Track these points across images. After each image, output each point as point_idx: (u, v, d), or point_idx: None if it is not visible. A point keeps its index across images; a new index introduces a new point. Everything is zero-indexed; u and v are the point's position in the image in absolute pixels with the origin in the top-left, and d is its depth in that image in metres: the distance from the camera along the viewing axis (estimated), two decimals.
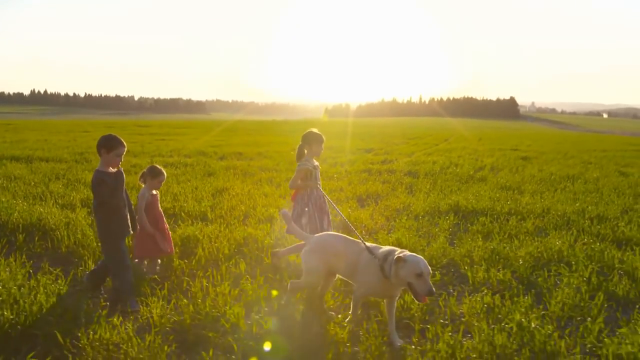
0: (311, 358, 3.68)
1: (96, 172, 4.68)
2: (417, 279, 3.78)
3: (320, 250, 4.43)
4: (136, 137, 34.29)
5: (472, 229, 7.80)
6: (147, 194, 5.61)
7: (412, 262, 3.83)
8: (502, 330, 4.02)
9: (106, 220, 4.70)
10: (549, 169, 17.22)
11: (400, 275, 3.86)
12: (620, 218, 8.63)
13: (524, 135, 57.42)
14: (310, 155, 5.73)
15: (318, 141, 5.72)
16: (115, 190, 4.68)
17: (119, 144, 4.72)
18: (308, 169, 5.63)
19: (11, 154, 17.20)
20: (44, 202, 8.51)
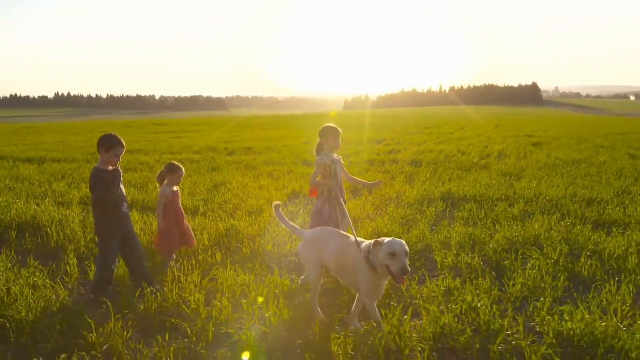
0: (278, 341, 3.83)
1: (94, 170, 4.81)
2: (392, 259, 3.77)
3: (312, 244, 4.45)
4: (152, 135, 34.85)
5: (458, 215, 7.87)
6: (168, 191, 5.72)
7: (386, 244, 3.83)
8: (450, 311, 4.12)
9: (101, 216, 4.83)
10: (557, 155, 17.06)
11: (378, 259, 3.86)
12: (611, 201, 8.60)
13: (543, 121, 56.66)
14: (329, 150, 5.65)
15: (334, 134, 5.64)
16: (112, 187, 4.78)
17: (118, 144, 4.83)
18: (326, 164, 5.53)
19: (26, 156, 17.70)
20: (43, 201, 8.81)
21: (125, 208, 4.96)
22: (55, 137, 32.51)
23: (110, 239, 4.86)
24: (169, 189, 5.73)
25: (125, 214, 4.96)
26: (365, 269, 3.98)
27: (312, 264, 4.41)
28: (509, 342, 3.69)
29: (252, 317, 4.12)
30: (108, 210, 4.81)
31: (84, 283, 5.27)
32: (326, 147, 5.64)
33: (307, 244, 4.49)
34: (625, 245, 5.82)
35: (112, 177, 4.80)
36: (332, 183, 5.48)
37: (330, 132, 5.62)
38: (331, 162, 5.56)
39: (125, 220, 4.98)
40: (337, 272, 4.38)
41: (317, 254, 4.39)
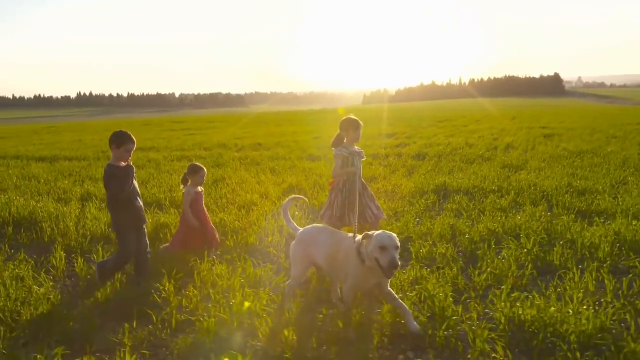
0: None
1: (107, 166, 4.92)
2: (381, 253, 3.75)
3: (302, 243, 4.42)
4: (167, 133, 35.28)
5: (447, 207, 7.93)
6: (192, 191, 5.89)
7: (376, 237, 3.81)
8: (408, 299, 4.24)
9: (117, 212, 4.94)
10: (566, 146, 16.92)
11: (368, 252, 3.85)
12: (604, 191, 8.57)
13: (562, 112, 55.83)
14: (349, 142, 5.63)
15: (355, 127, 5.62)
16: (125, 183, 4.89)
17: (129, 140, 4.94)
18: (344, 155, 5.53)
19: (39, 155, 18.14)
20: (44, 197, 9.11)
21: (139, 202, 5.08)
22: (72, 136, 33.11)
23: (127, 234, 4.99)
24: (193, 190, 5.90)
25: (139, 208, 5.08)
26: (355, 262, 3.97)
27: (298, 260, 4.40)
28: (456, 328, 3.79)
29: (218, 305, 4.28)
30: (122, 205, 4.93)
31: (70, 275, 5.49)
32: (346, 139, 5.63)
33: (298, 242, 4.46)
34: (602, 235, 5.84)
35: (125, 173, 4.92)
36: (353, 170, 5.46)
37: (351, 125, 5.62)
38: (349, 155, 5.54)
39: (140, 214, 5.10)
40: (328, 269, 4.33)
41: (306, 252, 4.37)
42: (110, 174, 4.86)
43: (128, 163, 5.00)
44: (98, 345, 3.82)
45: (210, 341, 3.76)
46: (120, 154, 4.91)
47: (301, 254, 4.39)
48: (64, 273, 5.52)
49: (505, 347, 3.57)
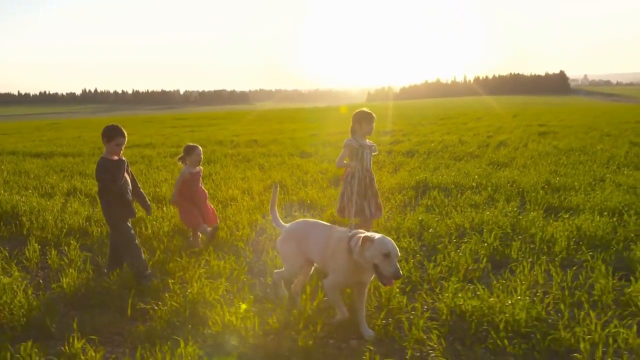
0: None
1: (100, 159, 5.04)
2: (384, 260, 3.59)
3: (291, 237, 4.34)
4: (168, 129, 35.43)
5: (422, 202, 8.06)
6: (186, 172, 6.05)
7: (379, 242, 3.65)
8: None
9: (109, 204, 5.04)
10: (557, 143, 16.99)
11: (366, 256, 3.68)
12: (579, 188, 8.66)
13: (564, 110, 55.71)
14: (361, 135, 5.59)
15: (368, 119, 5.58)
16: (117, 176, 4.97)
17: (119, 134, 5.03)
18: (353, 146, 5.49)
19: (36, 151, 18.34)
20: (30, 192, 9.28)
21: (129, 195, 5.17)
22: (73, 133, 33.31)
23: (120, 223, 5.09)
24: (187, 170, 6.05)
25: (130, 200, 5.17)
26: (344, 258, 3.87)
27: (290, 256, 4.31)
28: (395, 317, 3.93)
29: (175, 294, 4.43)
30: (113, 198, 5.03)
31: (44, 267, 5.65)
32: (359, 131, 5.60)
33: (287, 237, 4.37)
34: (563, 229, 5.97)
35: (117, 166, 5.02)
36: (354, 164, 5.38)
37: (364, 117, 5.58)
38: (358, 146, 5.50)
39: (131, 207, 5.20)
40: (321, 264, 4.24)
41: (297, 247, 4.28)
42: (102, 166, 4.97)
43: (120, 157, 5.09)
44: (58, 332, 3.97)
45: (161, 328, 3.91)
46: (111, 147, 5.01)
47: (292, 249, 4.30)
48: (37, 265, 5.68)
49: (441, 335, 3.71)
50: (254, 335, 3.77)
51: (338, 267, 3.92)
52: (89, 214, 7.36)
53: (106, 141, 5.02)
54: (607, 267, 4.77)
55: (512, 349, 3.49)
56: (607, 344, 3.49)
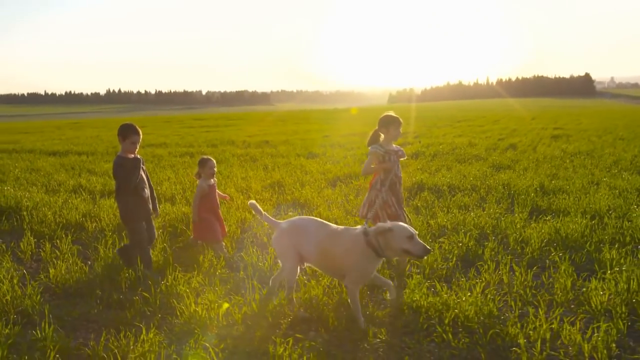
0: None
1: (116, 157, 5.14)
2: (410, 242, 3.77)
3: (288, 234, 4.29)
4: (184, 129, 35.93)
5: (412, 203, 8.19)
6: (205, 185, 6.03)
7: (399, 228, 3.81)
8: (320, 285, 4.56)
9: (124, 202, 5.15)
10: (566, 147, 16.89)
11: (392, 245, 3.82)
12: (571, 191, 8.69)
13: (584, 113, 54.95)
14: (387, 140, 5.43)
15: (395, 124, 5.41)
16: (132, 174, 5.08)
17: (134, 132, 5.14)
18: (379, 153, 5.34)
19: (52, 150, 18.86)
20: (37, 188, 9.64)
21: (145, 193, 5.27)
22: (92, 132, 33.97)
23: (136, 222, 5.19)
24: (205, 183, 6.06)
25: (145, 199, 5.26)
26: (363, 256, 3.94)
27: (288, 254, 4.27)
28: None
29: (149, 285, 4.67)
30: (129, 195, 5.13)
31: (37, 259, 5.93)
32: (385, 136, 5.43)
33: (283, 235, 4.32)
34: (540, 231, 6.06)
35: (133, 164, 5.13)
36: (388, 165, 5.31)
37: (392, 122, 5.41)
38: (384, 153, 5.36)
39: (147, 205, 5.28)
40: (318, 262, 4.24)
41: (294, 244, 4.24)
42: (118, 164, 5.09)
43: (136, 155, 5.20)
44: (39, 318, 4.22)
45: (132, 316, 4.14)
46: (127, 145, 5.12)
47: (288, 245, 4.26)
48: (31, 257, 5.97)
49: (394, 329, 3.87)
50: (218, 326, 3.97)
51: (358, 268, 3.99)
52: (88, 210, 7.64)
53: (122, 139, 5.15)
54: (574, 268, 4.87)
55: (456, 343, 3.64)
56: (551, 340, 3.61)
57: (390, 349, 3.63)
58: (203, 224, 5.98)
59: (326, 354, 3.52)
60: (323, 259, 4.17)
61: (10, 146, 20.99)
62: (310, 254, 4.21)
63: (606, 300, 4.19)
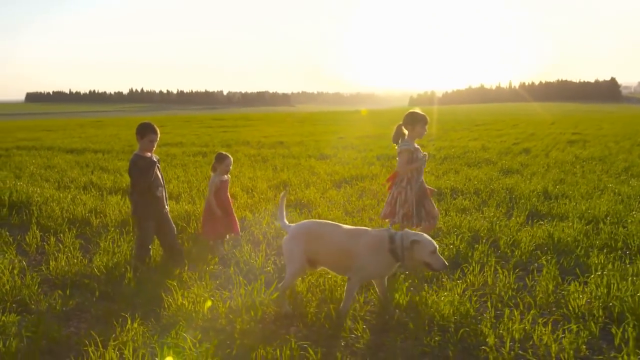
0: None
1: (133, 156, 5.25)
2: (432, 256, 3.91)
3: (300, 238, 4.29)
4: (202, 129, 36.28)
5: None
6: (217, 180, 6.08)
7: (427, 242, 3.95)
8: (304, 282, 4.70)
9: (136, 200, 5.26)
10: (580, 152, 16.73)
11: (415, 256, 3.95)
12: (574, 197, 8.68)
13: (606, 118, 54.10)
14: (411, 137, 5.39)
15: (422, 122, 5.37)
16: (147, 173, 5.18)
17: (151, 131, 5.23)
18: (410, 150, 5.30)
19: (70, 147, 19.30)
20: (49, 184, 9.94)
21: (159, 192, 5.35)
22: (112, 131, 34.52)
23: (146, 221, 5.29)
24: (217, 178, 6.10)
25: (159, 198, 5.35)
26: (384, 259, 4.03)
27: (295, 257, 4.27)
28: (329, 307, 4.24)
29: (140, 278, 4.85)
30: (143, 194, 5.24)
31: (42, 252, 6.16)
32: (410, 133, 5.38)
33: (294, 238, 4.33)
34: (532, 235, 6.11)
35: (148, 163, 5.24)
36: (419, 164, 5.29)
37: (420, 119, 5.36)
38: (414, 150, 5.35)
39: (160, 204, 5.39)
40: (335, 263, 4.28)
41: (304, 247, 4.26)
42: (133, 162, 5.20)
43: (152, 154, 5.31)
44: (36, 308, 4.43)
45: (120, 309, 4.33)
46: (144, 144, 5.23)
47: (298, 249, 4.26)
48: (37, 250, 6.20)
49: (369, 325, 4.00)
50: (203, 318, 4.12)
51: (374, 263, 4.06)
52: (95, 206, 7.87)
53: (139, 138, 5.25)
54: (560, 272, 4.92)
55: (428, 341, 3.73)
56: (523, 340, 3.69)
57: (365, 345, 3.74)
58: (206, 218, 6.08)
59: (299, 347, 3.64)
60: (342, 260, 4.18)
61: (31, 143, 21.50)
62: (326, 256, 4.25)
63: (583, 303, 4.24)
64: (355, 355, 3.65)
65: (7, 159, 14.96)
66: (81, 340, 3.79)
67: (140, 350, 3.52)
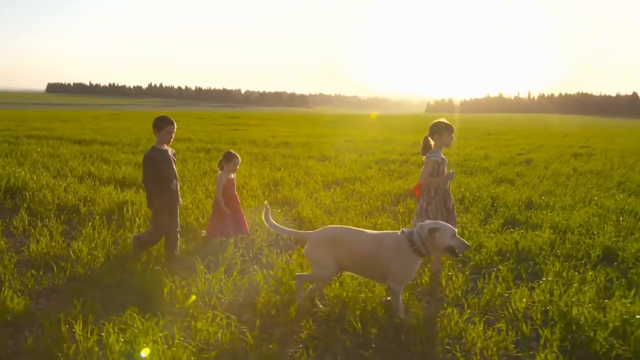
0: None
1: (150, 149, 5.42)
2: (454, 240, 4.10)
3: (327, 244, 4.36)
4: (216, 127, 36.68)
5: (392, 209, 8.46)
6: (224, 178, 6.19)
7: (444, 227, 4.13)
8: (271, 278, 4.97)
9: (151, 192, 5.38)
10: (579, 165, 16.72)
11: (437, 244, 4.10)
12: (555, 208, 8.81)
13: (622, 133, 53.70)
14: (439, 146, 5.47)
15: (449, 131, 5.42)
16: (162, 165, 5.35)
17: (168, 122, 5.40)
18: (437, 161, 5.37)
19: (79, 138, 19.73)
20: (48, 172, 10.29)
21: (174, 185, 5.51)
22: (125, 124, 35.01)
23: (160, 213, 5.44)
24: (224, 176, 6.21)
25: (173, 190, 5.50)
26: (409, 258, 4.18)
27: (324, 264, 4.34)
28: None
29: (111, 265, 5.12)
30: (157, 186, 5.38)
31: (29, 235, 6.46)
32: (437, 143, 5.46)
33: (320, 245, 4.37)
34: (497, 242, 6.30)
35: (164, 156, 5.42)
36: (442, 179, 5.37)
37: (446, 128, 5.42)
38: (441, 161, 5.40)
39: (174, 196, 5.54)
40: (358, 268, 4.39)
41: (333, 254, 4.31)
42: (149, 155, 5.37)
43: (168, 147, 5.49)
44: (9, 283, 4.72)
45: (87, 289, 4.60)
46: (162, 136, 5.40)
47: (327, 255, 4.32)
48: (23, 233, 6.50)
49: (315, 318, 4.23)
50: (162, 302, 4.38)
51: (403, 266, 4.19)
52: (86, 195, 8.18)
53: (157, 131, 5.41)
54: (514, 277, 5.10)
55: (365, 332, 3.95)
56: (457, 337, 3.89)
57: (307, 335, 3.97)
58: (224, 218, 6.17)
59: (239, 331, 3.88)
60: (367, 264, 4.30)
61: (42, 133, 21.99)
62: (351, 261, 4.34)
63: (523, 306, 4.43)
64: (296, 343, 3.88)
65: (15, 146, 15.38)
66: (46, 315, 4.05)
67: (90, 325, 3.77)
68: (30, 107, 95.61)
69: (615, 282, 5.19)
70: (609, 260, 6.01)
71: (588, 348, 3.84)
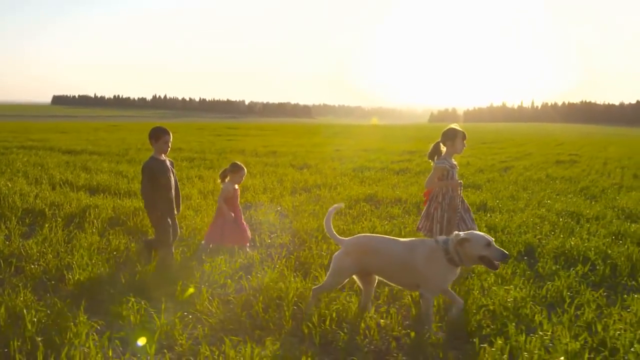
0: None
1: (148, 158, 5.54)
2: (488, 249, 4.07)
3: (355, 252, 4.40)
4: (211, 137, 36.96)
5: (349, 212, 8.83)
6: (231, 188, 6.29)
7: (476, 237, 4.12)
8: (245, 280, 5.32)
9: (150, 201, 5.51)
10: (554, 172, 16.97)
11: (469, 254, 4.10)
12: (505, 210, 9.18)
13: (618, 142, 53.75)
14: (450, 153, 5.54)
15: (460, 137, 5.51)
16: (159, 175, 5.46)
17: (165, 133, 5.54)
18: (445, 168, 5.43)
19: (70, 149, 20.20)
20: (26, 180, 10.76)
21: (171, 195, 5.63)
22: (122, 135, 35.38)
23: (161, 219, 5.56)
24: (231, 186, 6.31)
25: (170, 199, 5.63)
26: (443, 266, 4.19)
27: (340, 272, 4.43)
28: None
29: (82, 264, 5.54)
30: (156, 194, 5.50)
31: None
32: (449, 149, 5.54)
33: (348, 254, 4.43)
34: None
35: (161, 166, 5.56)
36: (453, 183, 5.42)
37: (458, 134, 5.51)
38: (450, 167, 5.46)
39: (170, 205, 5.65)
40: (389, 275, 4.43)
41: (358, 263, 4.39)
42: (147, 165, 5.49)
43: (166, 157, 5.65)
44: None
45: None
46: (160, 146, 5.54)
47: (350, 264, 4.39)
48: None
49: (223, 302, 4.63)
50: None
51: (436, 275, 4.22)
52: (54, 200, 8.60)
53: (154, 141, 5.55)
54: None
55: (266, 316, 4.36)
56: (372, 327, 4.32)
57: (216, 319, 4.38)
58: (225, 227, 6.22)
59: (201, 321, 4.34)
60: (400, 272, 4.34)
61: (36, 144, 22.52)
62: (382, 268, 4.40)
63: None
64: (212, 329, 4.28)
65: (3, 156, 15.89)
66: None
67: (22, 309, 4.20)
68: (35, 119, 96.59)
69: (518, 273, 5.56)
70: (530, 255, 6.38)
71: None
